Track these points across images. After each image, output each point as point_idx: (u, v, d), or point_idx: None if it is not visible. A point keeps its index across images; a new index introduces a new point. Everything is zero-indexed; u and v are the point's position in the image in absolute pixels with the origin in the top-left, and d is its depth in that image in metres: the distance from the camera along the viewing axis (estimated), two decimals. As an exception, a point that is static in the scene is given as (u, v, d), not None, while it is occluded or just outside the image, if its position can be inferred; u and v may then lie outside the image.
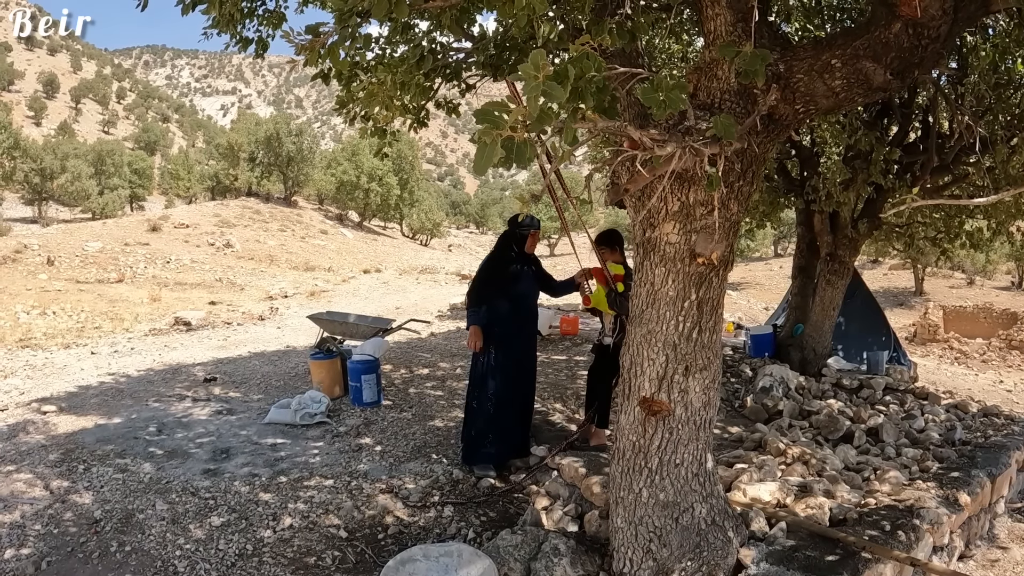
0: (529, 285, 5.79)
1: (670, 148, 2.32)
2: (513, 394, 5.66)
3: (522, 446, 5.79)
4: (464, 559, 3.65)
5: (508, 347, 5.61)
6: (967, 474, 5.11)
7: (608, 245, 5.88)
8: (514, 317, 5.66)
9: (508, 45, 3.98)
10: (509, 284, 5.66)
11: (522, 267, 5.70)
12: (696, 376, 3.33)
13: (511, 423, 5.66)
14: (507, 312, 5.64)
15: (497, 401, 5.59)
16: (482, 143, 1.78)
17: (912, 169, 7.87)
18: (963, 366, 20.42)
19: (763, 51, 2.51)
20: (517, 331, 5.68)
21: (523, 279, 5.71)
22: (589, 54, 2.00)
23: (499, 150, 1.77)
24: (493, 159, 1.82)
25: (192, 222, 31.41)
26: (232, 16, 4.11)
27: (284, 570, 4.07)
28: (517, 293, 5.69)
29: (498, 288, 5.67)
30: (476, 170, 1.86)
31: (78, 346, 11.40)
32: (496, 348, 5.61)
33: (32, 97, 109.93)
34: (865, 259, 37.59)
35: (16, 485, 5.05)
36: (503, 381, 5.61)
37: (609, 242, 5.91)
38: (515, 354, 5.65)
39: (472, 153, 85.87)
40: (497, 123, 1.76)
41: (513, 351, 5.64)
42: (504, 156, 1.81)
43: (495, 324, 5.62)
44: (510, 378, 5.63)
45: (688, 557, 3.42)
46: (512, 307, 5.66)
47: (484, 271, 5.78)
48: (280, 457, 5.67)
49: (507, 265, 5.70)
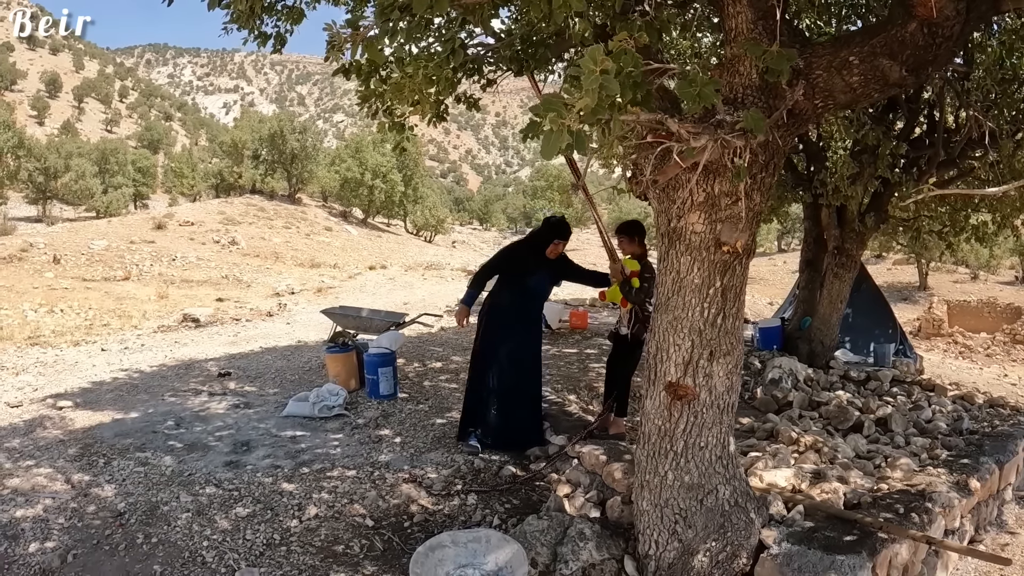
0: (540, 284, 5.88)
1: (704, 140, 2.42)
2: (499, 383, 5.76)
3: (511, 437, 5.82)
4: (493, 544, 3.75)
5: (502, 337, 5.75)
6: (976, 461, 5.21)
7: (628, 235, 5.80)
8: (514, 310, 5.78)
9: (533, 41, 4.06)
10: (517, 277, 5.79)
11: (537, 265, 5.78)
12: (720, 361, 3.43)
13: (492, 409, 5.78)
14: (508, 303, 5.79)
15: (483, 386, 5.78)
16: (548, 131, 1.89)
17: (918, 163, 7.95)
18: (967, 360, 20.50)
19: (789, 51, 2.61)
20: (513, 323, 5.76)
21: (534, 276, 5.80)
22: (627, 50, 2.09)
23: (566, 136, 1.88)
24: (561, 145, 1.93)
25: (197, 220, 31.45)
26: (252, 10, 4.17)
27: (313, 558, 4.12)
28: (523, 288, 5.80)
29: (506, 278, 5.83)
30: (544, 155, 1.96)
31: (88, 343, 11.41)
32: (491, 336, 5.78)
33: (35, 97, 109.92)
34: (869, 254, 37.60)
35: (37, 479, 5.05)
36: (490, 369, 5.77)
37: (629, 232, 5.82)
38: (508, 345, 5.75)
39: (474, 149, 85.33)
40: (561, 113, 1.87)
41: (506, 342, 5.74)
42: (568, 143, 1.92)
43: (494, 312, 5.80)
44: (498, 367, 5.75)
45: (712, 538, 3.52)
46: (514, 300, 5.79)
47: (496, 258, 5.96)
48: (301, 449, 5.74)
49: (521, 259, 5.82)
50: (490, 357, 5.79)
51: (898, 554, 3.77)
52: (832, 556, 3.41)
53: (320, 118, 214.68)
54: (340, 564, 4.09)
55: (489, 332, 5.83)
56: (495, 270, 5.90)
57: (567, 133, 1.84)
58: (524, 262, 5.80)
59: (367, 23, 2.87)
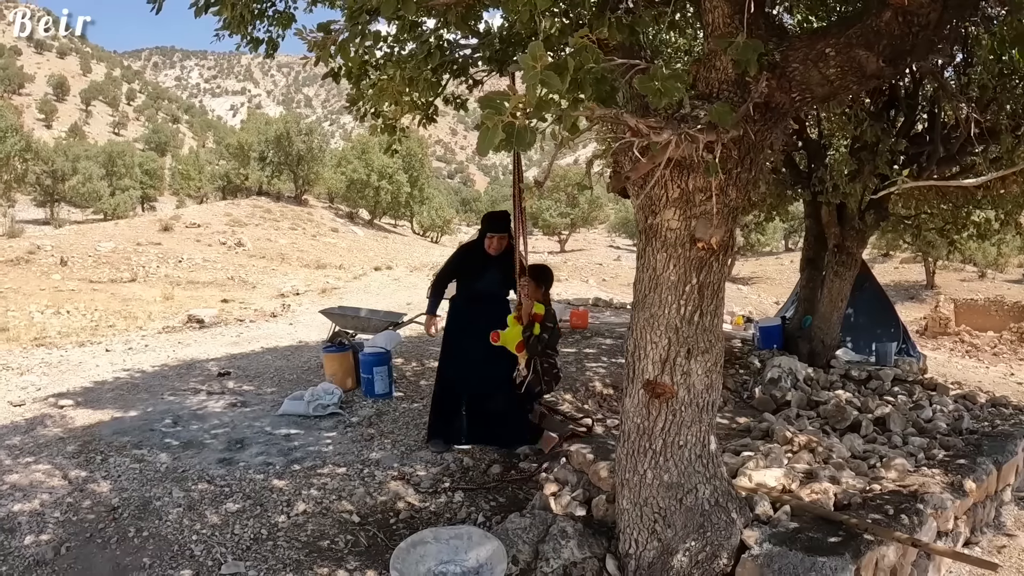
0: (490, 283, 5.89)
1: (666, 135, 2.41)
2: (456, 381, 5.86)
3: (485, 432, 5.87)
4: (474, 541, 3.75)
5: (459, 337, 5.85)
6: (973, 461, 5.15)
7: (535, 280, 5.49)
8: (467, 310, 5.88)
9: (513, 41, 4.06)
10: (466, 280, 5.93)
11: (485, 265, 5.83)
12: (698, 359, 3.42)
13: (453, 407, 5.89)
14: (461, 305, 5.95)
15: (441, 384, 5.91)
16: (484, 127, 1.90)
17: (919, 160, 7.88)
18: (974, 359, 20.34)
19: (755, 41, 2.60)
20: (470, 324, 5.80)
21: (483, 276, 5.85)
22: (588, 47, 2.09)
23: (500, 133, 1.88)
24: (494, 142, 1.94)
25: (203, 222, 31.59)
26: (243, 17, 4.20)
27: (298, 553, 4.18)
28: (475, 289, 5.88)
29: (460, 282, 5.97)
30: (479, 151, 1.98)
31: (93, 344, 11.47)
32: (450, 336, 5.93)
33: (42, 100, 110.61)
34: (876, 253, 37.50)
35: (35, 475, 5.15)
36: (448, 367, 5.92)
37: (537, 277, 5.51)
38: (465, 345, 5.80)
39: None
40: (499, 109, 1.87)
41: (463, 342, 5.82)
42: (504, 139, 1.92)
43: (452, 315, 5.97)
44: (456, 366, 5.86)
45: (692, 537, 3.51)
46: (466, 301, 5.91)
47: (447, 263, 6.12)
48: (294, 447, 5.78)
49: (466, 262, 5.95)
50: (454, 360, 5.91)
51: (885, 556, 3.74)
52: (814, 558, 3.38)
53: (327, 120, 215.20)
54: (324, 559, 4.14)
55: (449, 335, 5.97)
56: (449, 275, 6.03)
57: (503, 130, 1.84)
58: (471, 263, 5.90)
59: (338, 27, 2.88)
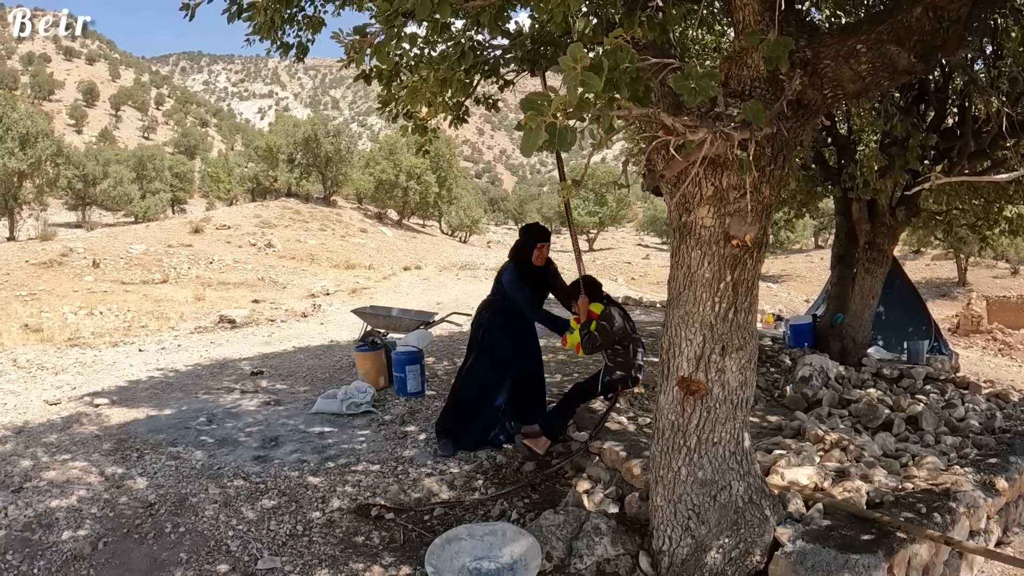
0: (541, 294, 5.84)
1: (701, 133, 2.44)
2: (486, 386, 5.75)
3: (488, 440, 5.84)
4: (508, 537, 3.79)
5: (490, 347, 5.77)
6: (1005, 460, 5.09)
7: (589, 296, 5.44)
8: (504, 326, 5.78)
9: (544, 41, 4.09)
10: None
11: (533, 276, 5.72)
12: (732, 356, 3.43)
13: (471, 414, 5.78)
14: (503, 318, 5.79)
15: (466, 389, 5.83)
16: (528, 128, 1.93)
17: (949, 155, 7.79)
18: (1007, 357, 20.04)
19: (786, 38, 2.61)
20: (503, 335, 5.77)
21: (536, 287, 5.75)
22: (622, 46, 2.12)
23: (543, 134, 1.92)
24: (538, 142, 1.98)
25: (233, 223, 31.88)
26: (273, 22, 4.26)
27: (333, 548, 4.24)
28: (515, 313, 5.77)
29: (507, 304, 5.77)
30: (523, 152, 2.01)
31: (126, 344, 11.66)
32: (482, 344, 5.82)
33: (72, 106, 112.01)
34: (907, 249, 36.94)
35: (72, 472, 5.27)
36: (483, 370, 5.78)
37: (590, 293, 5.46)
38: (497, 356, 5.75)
39: (508, 150, 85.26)
40: (541, 110, 1.90)
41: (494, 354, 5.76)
42: (548, 140, 1.96)
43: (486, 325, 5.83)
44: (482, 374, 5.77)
45: (726, 534, 3.52)
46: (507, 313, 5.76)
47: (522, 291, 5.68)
48: (328, 444, 5.86)
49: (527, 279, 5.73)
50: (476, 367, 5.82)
51: (917, 554, 3.72)
52: (847, 555, 3.38)
53: (354, 121, 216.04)
54: (359, 555, 4.19)
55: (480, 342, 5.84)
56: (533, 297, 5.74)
57: (545, 130, 1.88)
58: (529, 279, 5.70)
59: (374, 29, 2.93)
